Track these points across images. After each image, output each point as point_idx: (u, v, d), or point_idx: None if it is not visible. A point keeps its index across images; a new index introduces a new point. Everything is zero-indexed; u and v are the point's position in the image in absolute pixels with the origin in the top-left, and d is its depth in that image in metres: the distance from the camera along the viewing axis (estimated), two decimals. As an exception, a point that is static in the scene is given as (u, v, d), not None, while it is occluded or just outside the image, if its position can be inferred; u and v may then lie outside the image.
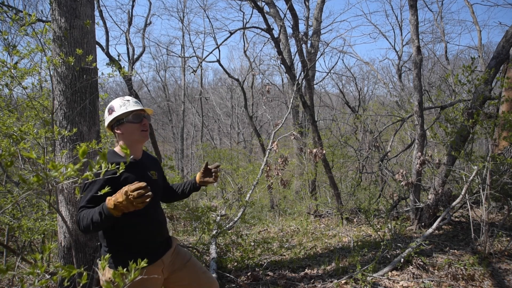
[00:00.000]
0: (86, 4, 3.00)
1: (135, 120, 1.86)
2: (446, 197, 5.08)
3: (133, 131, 1.87)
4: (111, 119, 1.88)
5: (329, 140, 9.04)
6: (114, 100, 1.93)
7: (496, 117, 4.36)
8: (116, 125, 1.89)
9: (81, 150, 0.86)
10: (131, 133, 1.87)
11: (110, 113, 1.89)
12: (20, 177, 0.87)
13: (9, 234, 3.77)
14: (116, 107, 1.88)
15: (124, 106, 1.87)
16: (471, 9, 11.96)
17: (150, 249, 1.86)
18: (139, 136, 1.88)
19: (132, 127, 1.86)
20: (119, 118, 1.87)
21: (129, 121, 1.86)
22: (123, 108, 1.86)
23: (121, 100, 1.91)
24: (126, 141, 1.89)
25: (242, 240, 4.78)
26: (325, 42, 10.26)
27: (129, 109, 1.86)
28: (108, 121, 1.89)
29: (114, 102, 1.91)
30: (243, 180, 9.21)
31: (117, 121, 1.87)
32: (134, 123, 1.86)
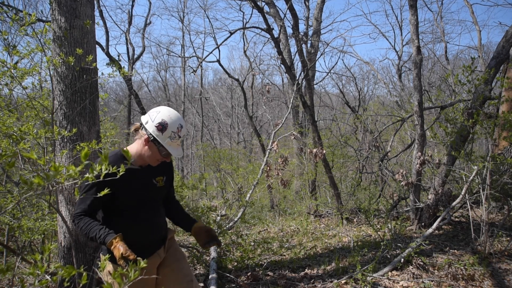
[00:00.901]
0: (86, 4, 3.00)
1: (162, 154, 1.81)
2: (446, 197, 5.08)
3: (154, 156, 1.82)
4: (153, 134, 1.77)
5: (329, 140, 9.04)
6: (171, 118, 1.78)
7: (496, 117, 4.36)
8: (150, 139, 1.78)
9: (83, 153, 0.86)
10: (150, 156, 1.82)
11: (159, 129, 1.76)
12: (22, 179, 0.87)
13: (9, 234, 3.77)
14: (166, 132, 1.76)
15: (172, 140, 1.78)
16: (470, 9, 11.97)
17: (147, 247, 1.89)
18: (151, 162, 1.85)
19: (156, 154, 1.81)
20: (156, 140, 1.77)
21: (159, 149, 1.79)
22: (169, 140, 1.77)
23: (176, 130, 1.78)
24: (140, 149, 1.83)
25: (242, 240, 4.78)
26: (325, 42, 10.27)
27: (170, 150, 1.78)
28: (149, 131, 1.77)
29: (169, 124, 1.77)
30: (243, 180, 9.21)
31: (154, 138, 1.77)
32: (160, 153, 1.81)
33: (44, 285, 0.96)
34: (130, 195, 1.82)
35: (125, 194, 1.79)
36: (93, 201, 1.72)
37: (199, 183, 5.49)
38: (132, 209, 1.85)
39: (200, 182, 5.57)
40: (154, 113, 1.79)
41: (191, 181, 7.03)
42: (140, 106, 9.69)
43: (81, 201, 1.73)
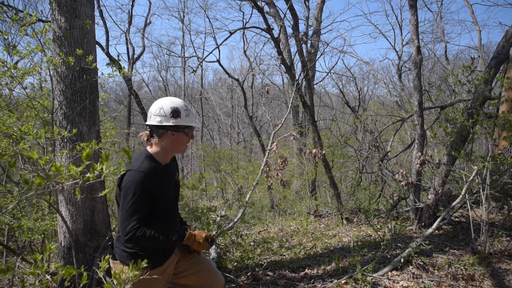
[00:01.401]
0: (86, 4, 3.00)
1: (189, 135, 1.86)
2: (446, 197, 5.08)
3: (183, 143, 1.85)
4: (175, 124, 1.80)
5: (329, 140, 9.04)
6: (176, 101, 1.84)
7: (496, 117, 4.36)
8: (173, 130, 1.81)
9: (85, 153, 0.86)
10: (180, 144, 1.85)
11: (174, 116, 1.79)
12: (23, 178, 0.87)
13: (9, 234, 3.77)
14: (182, 114, 1.81)
15: (188, 117, 1.83)
16: (470, 9, 11.96)
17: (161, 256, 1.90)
18: (182, 149, 1.88)
19: (184, 140, 1.85)
20: (179, 126, 1.82)
21: (185, 133, 1.84)
22: (187, 119, 1.83)
23: (185, 106, 1.84)
24: (169, 146, 1.84)
25: (242, 240, 4.78)
26: (325, 42, 10.27)
27: (192, 124, 1.84)
28: (169, 124, 1.79)
29: (178, 105, 1.82)
30: (243, 180, 9.21)
31: (176, 127, 1.81)
32: (187, 135, 1.85)
33: (44, 285, 0.96)
34: (166, 193, 1.84)
35: (163, 193, 1.80)
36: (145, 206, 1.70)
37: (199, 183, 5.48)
38: (165, 209, 1.87)
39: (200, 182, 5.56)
40: (158, 110, 1.81)
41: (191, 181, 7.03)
42: (140, 106, 9.70)
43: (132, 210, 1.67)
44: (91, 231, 3.03)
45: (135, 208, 1.66)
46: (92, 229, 3.03)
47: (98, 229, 3.08)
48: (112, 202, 5.26)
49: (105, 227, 3.17)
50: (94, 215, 3.05)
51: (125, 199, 1.67)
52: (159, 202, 1.78)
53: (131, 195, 1.66)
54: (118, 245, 1.85)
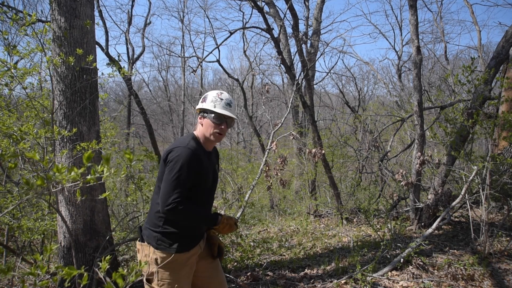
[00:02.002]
0: (86, 4, 3.00)
1: (216, 121, 1.88)
2: (445, 197, 5.08)
3: (209, 129, 1.89)
4: (198, 107, 1.94)
5: (329, 140, 9.03)
6: (212, 91, 1.95)
7: (495, 117, 4.36)
8: (201, 115, 1.92)
9: (86, 155, 0.86)
10: (207, 129, 1.90)
11: (202, 101, 1.94)
12: (24, 180, 0.87)
13: (9, 234, 3.76)
14: (208, 99, 1.91)
15: (213, 103, 1.89)
16: (470, 9, 11.96)
17: (198, 234, 1.93)
18: (212, 136, 1.90)
19: (210, 125, 1.88)
20: (204, 110, 1.90)
21: (210, 119, 1.88)
22: (212, 104, 1.89)
23: (216, 95, 1.92)
24: (202, 132, 1.92)
25: (241, 240, 4.78)
26: (325, 42, 10.27)
27: (216, 110, 1.87)
28: (197, 107, 1.96)
29: (210, 93, 1.94)
30: (243, 180, 9.21)
31: (203, 111, 1.91)
32: (214, 123, 1.88)
33: (44, 285, 0.96)
34: (206, 178, 1.88)
35: (204, 176, 1.84)
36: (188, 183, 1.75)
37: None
38: (204, 194, 1.90)
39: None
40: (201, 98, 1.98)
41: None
42: (140, 106, 9.68)
43: (176, 184, 1.71)
44: (91, 231, 3.03)
45: (179, 182, 1.71)
46: (92, 229, 3.03)
47: (98, 229, 3.08)
48: (112, 202, 5.26)
49: (105, 227, 3.17)
50: (94, 215, 3.05)
51: (171, 172, 1.72)
52: (200, 184, 1.83)
53: (178, 169, 1.71)
54: (148, 226, 1.86)
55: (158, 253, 1.78)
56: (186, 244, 1.84)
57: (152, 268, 1.78)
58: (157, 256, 1.78)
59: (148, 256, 1.79)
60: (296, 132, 7.75)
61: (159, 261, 1.78)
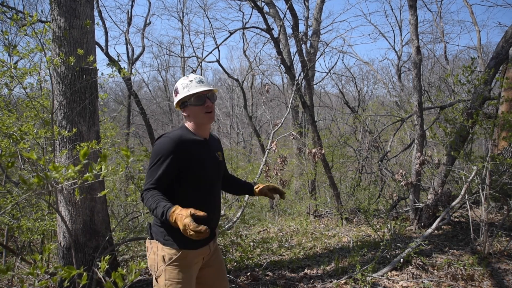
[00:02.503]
0: (86, 4, 3.00)
1: (197, 103, 1.80)
2: (445, 197, 5.08)
3: (197, 113, 1.82)
4: (176, 101, 1.87)
5: (328, 140, 9.04)
6: (179, 80, 1.88)
7: (495, 117, 4.36)
8: (182, 107, 1.86)
9: (82, 152, 0.86)
10: (195, 116, 1.83)
11: (175, 95, 1.88)
12: (21, 178, 0.87)
13: (8, 234, 3.76)
14: (179, 89, 1.84)
15: (186, 88, 1.81)
16: (470, 10, 11.96)
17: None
18: (203, 119, 1.83)
19: (196, 110, 1.82)
20: (183, 101, 1.83)
21: (192, 104, 1.81)
22: (185, 90, 1.81)
23: (184, 80, 1.85)
24: (192, 122, 1.86)
25: (241, 240, 4.78)
26: (324, 42, 10.26)
27: (191, 91, 1.80)
28: (174, 103, 1.89)
29: (178, 83, 1.87)
30: (243, 180, 9.19)
31: (182, 103, 1.84)
32: (197, 105, 1.81)
33: (43, 285, 0.96)
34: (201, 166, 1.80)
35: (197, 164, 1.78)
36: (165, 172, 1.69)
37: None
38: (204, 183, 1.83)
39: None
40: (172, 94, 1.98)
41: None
42: (140, 106, 9.69)
43: (149, 174, 1.70)
44: (91, 231, 3.03)
45: (152, 172, 1.69)
46: (91, 229, 3.03)
47: (97, 229, 3.08)
48: (111, 202, 5.26)
49: (105, 227, 3.17)
50: (94, 215, 3.05)
51: (149, 163, 1.72)
52: (194, 173, 1.76)
53: (154, 160, 1.70)
54: (155, 222, 1.81)
55: (166, 250, 1.73)
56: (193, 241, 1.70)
57: (161, 266, 1.72)
58: (164, 253, 1.73)
59: (156, 253, 1.74)
60: (296, 132, 7.76)
61: (167, 258, 1.72)
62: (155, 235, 1.78)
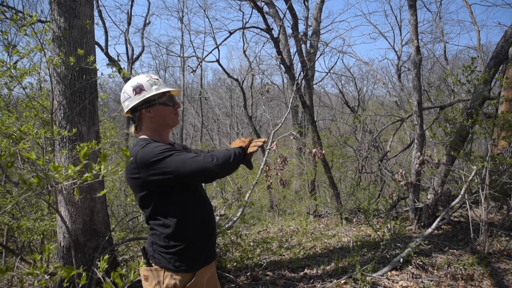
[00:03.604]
0: (85, 4, 3.00)
1: (169, 103, 1.64)
2: (445, 197, 5.08)
3: (167, 114, 1.64)
4: (141, 99, 1.60)
5: (328, 140, 9.04)
6: (139, 78, 1.65)
7: (495, 117, 4.37)
8: (145, 107, 1.62)
9: (82, 152, 0.86)
10: (164, 117, 1.64)
11: (138, 92, 1.61)
12: (21, 178, 0.87)
13: (8, 234, 3.76)
14: (146, 86, 1.62)
15: (155, 85, 1.62)
16: (469, 9, 11.96)
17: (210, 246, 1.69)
18: (172, 120, 1.66)
19: (165, 110, 1.63)
20: (150, 99, 1.61)
21: (162, 103, 1.62)
22: (154, 87, 1.62)
23: (149, 78, 1.65)
24: (155, 125, 1.65)
25: (241, 240, 4.78)
26: (324, 42, 10.26)
27: (162, 89, 1.62)
28: (135, 102, 1.61)
29: (140, 80, 1.63)
30: (243, 180, 9.21)
31: (147, 102, 1.62)
32: (168, 105, 1.64)
33: (43, 285, 0.96)
34: None
35: None
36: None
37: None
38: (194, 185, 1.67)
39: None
40: (123, 95, 1.67)
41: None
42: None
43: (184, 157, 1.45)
44: (90, 231, 3.03)
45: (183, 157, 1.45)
46: (91, 229, 3.03)
47: (97, 229, 3.08)
48: (111, 202, 5.26)
49: (104, 227, 3.17)
50: (94, 215, 3.05)
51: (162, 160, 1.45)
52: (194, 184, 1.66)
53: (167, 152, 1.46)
54: (156, 248, 1.58)
55: (177, 277, 1.53)
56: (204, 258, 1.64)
57: None
58: (175, 281, 1.53)
59: (162, 283, 1.53)
60: (296, 132, 7.76)
61: (179, 285, 1.53)
62: (159, 262, 1.55)
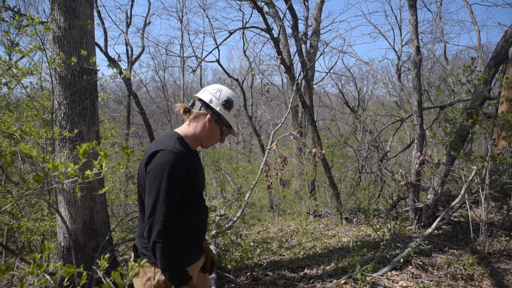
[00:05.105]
0: (85, 4, 3.00)
1: (224, 132, 1.72)
2: (445, 197, 5.08)
3: (213, 137, 1.71)
4: (219, 111, 1.66)
5: (328, 140, 9.04)
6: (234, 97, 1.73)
7: (495, 117, 4.37)
8: (213, 117, 1.66)
9: (82, 150, 0.86)
10: (210, 136, 1.70)
11: (225, 106, 1.67)
12: (20, 176, 0.87)
13: (8, 234, 3.76)
14: (233, 109, 1.71)
15: (235, 118, 1.72)
16: (470, 9, 11.97)
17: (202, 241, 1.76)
18: (209, 143, 1.72)
19: (216, 134, 1.71)
20: (221, 118, 1.68)
21: (221, 129, 1.70)
22: (233, 118, 1.71)
23: (238, 105, 1.75)
24: (199, 132, 1.68)
25: (241, 240, 4.78)
26: (324, 42, 10.26)
27: (232, 123, 1.71)
28: (216, 108, 1.65)
29: (235, 101, 1.72)
30: (243, 180, 9.22)
31: (218, 116, 1.67)
32: (221, 133, 1.72)
33: (43, 284, 0.96)
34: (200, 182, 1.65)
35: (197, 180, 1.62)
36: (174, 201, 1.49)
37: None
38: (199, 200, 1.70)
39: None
40: (216, 91, 1.69)
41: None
42: (139, 106, 9.68)
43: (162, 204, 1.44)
44: (90, 231, 3.03)
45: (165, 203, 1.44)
46: (91, 229, 3.03)
47: (97, 229, 3.08)
48: (111, 202, 5.26)
49: (104, 227, 3.17)
50: (93, 215, 3.05)
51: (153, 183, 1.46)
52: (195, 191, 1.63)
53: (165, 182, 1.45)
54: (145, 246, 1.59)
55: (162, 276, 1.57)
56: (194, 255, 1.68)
57: None
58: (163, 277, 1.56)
59: (153, 279, 1.56)
60: (296, 132, 7.76)
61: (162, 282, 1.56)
62: (150, 258, 1.56)
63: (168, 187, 1.45)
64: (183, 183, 1.52)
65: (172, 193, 1.46)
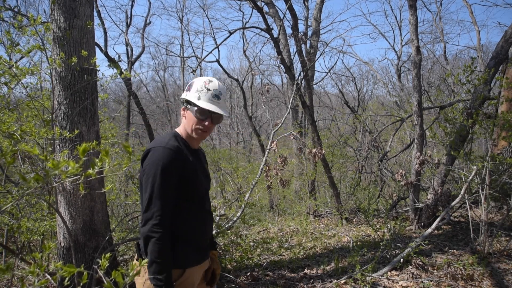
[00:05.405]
0: (85, 4, 3.00)
1: (198, 116, 1.58)
2: (445, 197, 5.08)
3: (191, 123, 1.61)
4: (182, 97, 1.63)
5: (328, 140, 9.04)
6: (199, 79, 1.63)
7: (495, 117, 4.37)
8: (184, 105, 1.64)
9: (81, 149, 0.86)
10: (189, 124, 1.62)
11: (187, 89, 1.63)
12: (21, 175, 0.87)
13: (8, 234, 3.76)
14: (192, 88, 1.60)
15: (197, 93, 1.58)
16: (469, 9, 11.96)
17: (204, 244, 1.70)
18: (194, 133, 1.62)
19: (192, 120, 1.60)
20: (187, 100, 1.61)
21: (193, 112, 1.59)
22: (195, 95, 1.58)
23: (203, 83, 1.60)
24: (186, 126, 1.64)
25: (241, 240, 4.78)
26: (324, 42, 10.27)
27: (199, 103, 1.56)
28: (182, 96, 1.65)
29: (196, 80, 1.62)
30: (243, 180, 9.21)
31: (186, 101, 1.62)
32: (197, 118, 1.59)
33: (43, 284, 0.96)
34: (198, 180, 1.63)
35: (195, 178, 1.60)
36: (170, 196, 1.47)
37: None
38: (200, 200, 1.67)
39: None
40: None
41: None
42: (139, 107, 9.69)
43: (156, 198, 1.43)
44: (90, 231, 3.03)
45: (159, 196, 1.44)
46: (91, 229, 3.03)
47: (97, 229, 3.08)
48: (111, 202, 5.26)
49: (104, 227, 3.17)
50: (94, 215, 3.05)
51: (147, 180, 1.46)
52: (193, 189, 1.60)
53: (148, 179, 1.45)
54: None
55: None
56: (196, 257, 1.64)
57: None
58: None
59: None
60: (296, 132, 7.76)
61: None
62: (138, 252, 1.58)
63: (162, 182, 1.45)
64: (178, 179, 1.51)
65: (167, 188, 1.46)
